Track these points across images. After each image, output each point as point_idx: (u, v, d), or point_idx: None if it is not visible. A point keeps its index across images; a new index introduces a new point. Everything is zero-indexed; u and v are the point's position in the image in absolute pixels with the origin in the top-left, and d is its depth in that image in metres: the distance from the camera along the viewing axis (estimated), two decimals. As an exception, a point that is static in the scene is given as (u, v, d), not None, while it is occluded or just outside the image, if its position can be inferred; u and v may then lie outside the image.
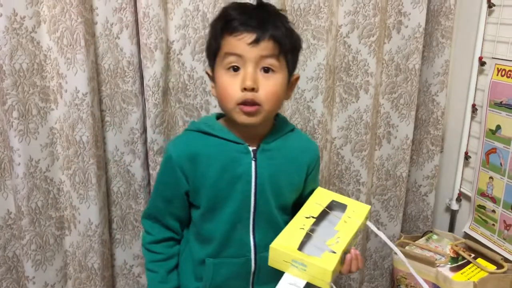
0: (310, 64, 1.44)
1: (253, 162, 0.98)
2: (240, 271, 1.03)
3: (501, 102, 1.46)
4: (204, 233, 1.03)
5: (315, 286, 0.90)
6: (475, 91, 1.58)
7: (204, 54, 1.34)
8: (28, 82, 1.20)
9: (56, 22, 1.19)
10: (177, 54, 1.34)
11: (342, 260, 0.93)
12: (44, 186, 1.28)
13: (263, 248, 1.00)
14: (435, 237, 1.65)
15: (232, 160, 0.98)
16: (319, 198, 1.03)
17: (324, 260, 0.89)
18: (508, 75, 1.43)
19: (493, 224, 1.53)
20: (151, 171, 1.37)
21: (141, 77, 1.32)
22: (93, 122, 1.27)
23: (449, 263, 1.49)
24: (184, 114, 1.39)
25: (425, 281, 1.47)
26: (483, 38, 1.53)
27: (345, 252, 0.93)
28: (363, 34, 1.47)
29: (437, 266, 1.46)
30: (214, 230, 1.01)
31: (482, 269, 1.44)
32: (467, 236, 1.64)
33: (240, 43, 0.90)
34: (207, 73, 1.03)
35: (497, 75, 1.46)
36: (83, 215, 1.33)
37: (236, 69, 0.92)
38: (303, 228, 0.94)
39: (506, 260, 1.46)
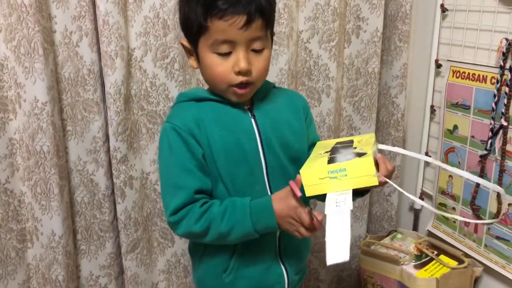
0: (272, 69, 1.46)
1: (252, 120, 0.98)
2: (266, 240, 0.99)
3: (457, 102, 1.51)
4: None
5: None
6: (433, 93, 1.63)
7: (163, 60, 1.34)
8: (-15, 92, 1.18)
9: (12, 31, 1.17)
10: (139, 61, 1.33)
11: (375, 164, 0.86)
12: (4, 198, 1.25)
13: None
14: (399, 236, 1.69)
15: (233, 119, 0.97)
16: (324, 144, 1.01)
17: (360, 158, 0.83)
18: (463, 77, 1.48)
19: (454, 221, 1.58)
20: (114, 180, 1.35)
21: (102, 85, 1.31)
22: (53, 132, 1.25)
23: (413, 261, 1.52)
24: (147, 121, 1.38)
25: (390, 279, 1.51)
26: (439, 42, 1.58)
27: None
28: (323, 39, 1.50)
29: (402, 264, 1.49)
30: (235, 195, 0.97)
31: (444, 265, 1.48)
32: (430, 234, 1.68)
33: (231, 29, 0.87)
34: (182, 44, 0.98)
35: (453, 76, 1.52)
36: (45, 226, 1.31)
37: (227, 53, 0.90)
38: (322, 158, 0.90)
39: (467, 255, 1.50)
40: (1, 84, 1.21)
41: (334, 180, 0.83)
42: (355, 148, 0.92)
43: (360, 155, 0.85)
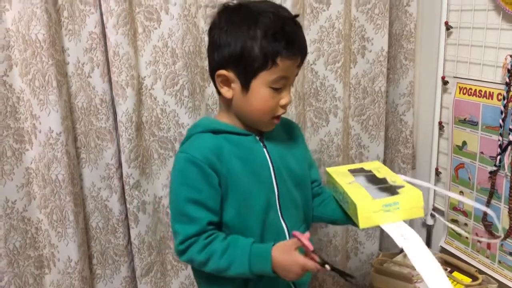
0: (279, 92, 1.49)
1: (264, 150, 1.03)
2: None
3: (465, 119, 1.51)
4: (240, 229, 1.00)
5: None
6: (441, 109, 1.64)
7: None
8: (2, 124, 1.22)
9: (27, 65, 1.21)
10: (149, 89, 1.37)
11: None
12: (22, 226, 1.29)
13: (292, 230, 1.03)
14: (412, 253, 1.68)
15: (249, 152, 1.01)
16: (338, 171, 1.07)
17: (407, 189, 0.90)
18: (470, 93, 1.49)
19: (467, 237, 1.57)
20: (128, 205, 1.38)
21: (114, 114, 1.35)
22: (68, 160, 1.29)
23: (426, 278, 1.51)
24: (159, 147, 1.42)
25: (404, 297, 1.50)
26: (444, 59, 1.59)
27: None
28: (328, 60, 1.53)
29: (415, 282, 1.49)
30: (252, 223, 1.00)
31: (458, 282, 1.47)
32: (443, 250, 1.68)
33: (292, 67, 0.96)
34: (221, 74, 0.96)
35: (459, 93, 1.53)
36: (62, 252, 1.34)
37: (279, 88, 0.96)
38: (360, 189, 0.96)
39: (481, 272, 1.50)
40: (17, 116, 1.25)
41: (386, 213, 0.89)
42: (383, 178, 0.97)
43: (398, 187, 0.92)
